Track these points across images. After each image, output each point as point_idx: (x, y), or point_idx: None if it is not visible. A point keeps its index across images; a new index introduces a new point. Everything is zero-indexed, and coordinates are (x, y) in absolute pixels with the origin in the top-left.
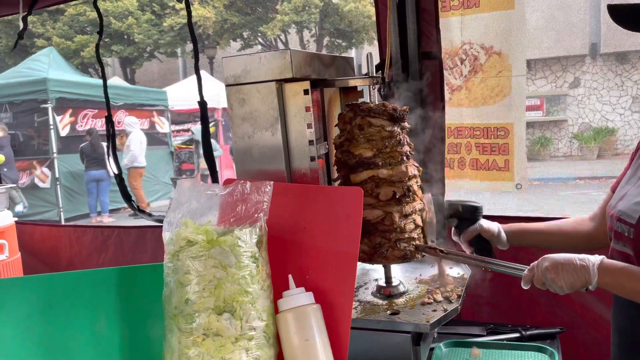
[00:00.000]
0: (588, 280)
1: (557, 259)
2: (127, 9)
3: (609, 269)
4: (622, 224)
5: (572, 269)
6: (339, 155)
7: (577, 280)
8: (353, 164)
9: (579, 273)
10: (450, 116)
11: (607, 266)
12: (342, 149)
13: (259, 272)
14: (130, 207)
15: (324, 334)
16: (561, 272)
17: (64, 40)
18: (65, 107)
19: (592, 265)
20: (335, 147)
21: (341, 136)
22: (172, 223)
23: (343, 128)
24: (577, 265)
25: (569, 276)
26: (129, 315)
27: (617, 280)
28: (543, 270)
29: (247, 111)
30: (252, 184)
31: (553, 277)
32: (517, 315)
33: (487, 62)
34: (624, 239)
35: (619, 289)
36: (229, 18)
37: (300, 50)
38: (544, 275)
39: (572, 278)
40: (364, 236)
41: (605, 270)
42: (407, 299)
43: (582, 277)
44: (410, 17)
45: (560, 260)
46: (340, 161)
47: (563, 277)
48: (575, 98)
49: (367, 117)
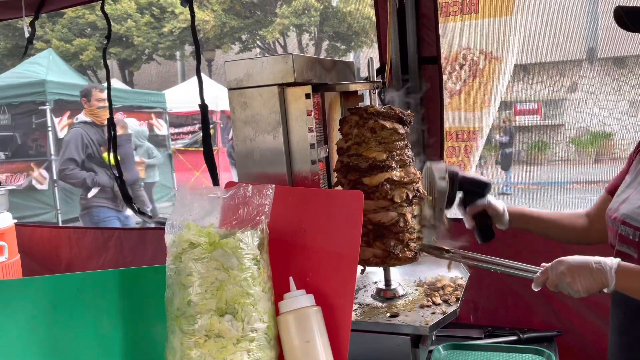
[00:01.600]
0: (605, 283)
1: (572, 262)
2: (126, 11)
3: (627, 272)
4: (627, 227)
5: (588, 273)
6: (346, 160)
7: (594, 284)
8: (366, 167)
9: (596, 276)
10: (449, 120)
11: (624, 269)
12: (349, 153)
13: (260, 274)
14: (131, 208)
15: (325, 336)
16: (577, 276)
17: (63, 43)
18: (63, 109)
19: (609, 268)
20: (339, 152)
21: (347, 140)
22: (174, 225)
23: (348, 132)
24: (593, 269)
25: (585, 280)
26: (131, 316)
27: (635, 283)
28: (559, 274)
29: (249, 115)
30: (253, 187)
31: (569, 282)
32: (514, 318)
33: (486, 67)
34: (629, 242)
35: (636, 291)
36: (228, 21)
37: (302, 55)
38: (560, 279)
39: (589, 281)
40: (376, 240)
41: (623, 274)
42: (406, 301)
43: (599, 280)
44: (410, 22)
45: (576, 265)
46: (347, 166)
47: (580, 281)
48: (573, 102)
49: (379, 120)
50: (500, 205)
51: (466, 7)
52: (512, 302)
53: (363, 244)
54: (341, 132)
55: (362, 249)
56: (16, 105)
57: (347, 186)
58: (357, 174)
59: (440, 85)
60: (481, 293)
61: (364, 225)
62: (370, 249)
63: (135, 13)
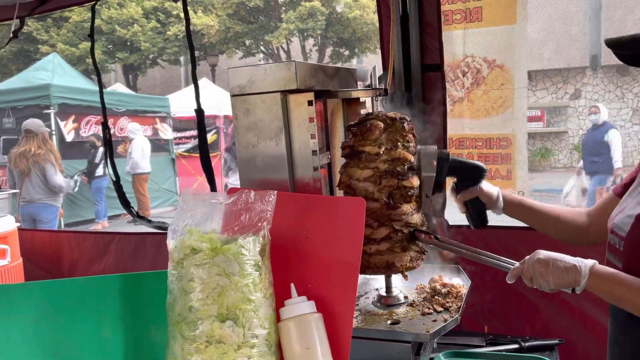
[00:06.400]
0: (577, 280)
1: (550, 254)
2: (132, 16)
3: (600, 273)
4: (615, 236)
5: (562, 266)
6: (384, 167)
7: (566, 279)
8: (404, 170)
9: (569, 272)
10: (451, 127)
11: (598, 270)
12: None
13: (261, 280)
14: (129, 213)
15: (325, 343)
16: (551, 267)
17: (69, 47)
18: (68, 113)
19: (584, 266)
20: (369, 159)
21: (380, 146)
22: (176, 231)
23: (377, 137)
24: (568, 264)
25: (558, 272)
26: (133, 321)
27: (606, 285)
28: (534, 263)
29: (252, 121)
30: (256, 193)
31: (542, 271)
32: (516, 326)
33: (489, 75)
34: (615, 251)
35: (607, 294)
36: (232, 26)
37: (304, 62)
38: (534, 267)
39: (562, 275)
40: (411, 242)
41: (596, 274)
42: (407, 308)
43: (572, 276)
44: (413, 30)
45: (553, 256)
46: (385, 172)
47: (552, 272)
48: (576, 109)
49: (407, 125)
50: (494, 191)
51: (470, 15)
52: (514, 309)
53: (399, 250)
54: (367, 139)
55: (398, 255)
56: (21, 109)
57: (380, 193)
58: (395, 179)
59: (443, 92)
60: (483, 300)
61: (399, 231)
62: (406, 253)
63: (141, 18)
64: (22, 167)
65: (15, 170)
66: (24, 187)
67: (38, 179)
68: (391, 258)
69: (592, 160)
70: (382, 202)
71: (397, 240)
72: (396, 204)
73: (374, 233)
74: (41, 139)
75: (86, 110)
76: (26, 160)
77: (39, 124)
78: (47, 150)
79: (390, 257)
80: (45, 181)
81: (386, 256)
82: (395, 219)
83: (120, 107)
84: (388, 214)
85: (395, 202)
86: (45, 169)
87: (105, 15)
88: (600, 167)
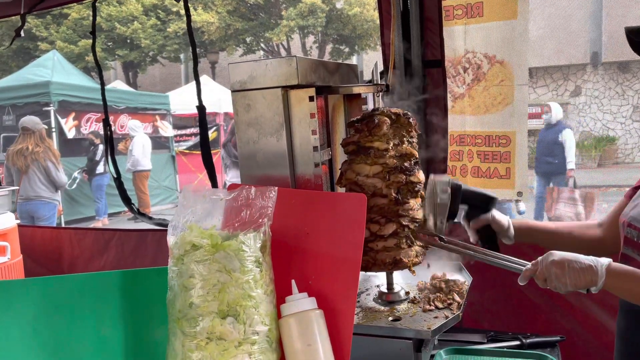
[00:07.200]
0: (594, 280)
1: (564, 254)
2: (132, 13)
3: (617, 271)
4: (632, 229)
5: (578, 267)
6: (395, 163)
7: (583, 279)
8: (411, 165)
9: (586, 272)
10: (452, 124)
11: (615, 269)
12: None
13: (262, 276)
14: (130, 209)
15: (326, 340)
16: (567, 268)
17: (68, 44)
18: (68, 110)
19: (600, 265)
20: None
21: (388, 142)
22: (177, 227)
23: (385, 133)
24: (584, 264)
25: (575, 273)
26: (133, 318)
27: (624, 284)
28: (548, 265)
29: (253, 117)
30: (256, 190)
31: (558, 273)
32: (518, 323)
33: (490, 71)
34: (632, 244)
35: (626, 293)
36: (232, 23)
37: (305, 58)
38: (548, 269)
39: (578, 276)
40: (416, 237)
41: (613, 273)
42: (408, 305)
43: (588, 276)
44: (414, 26)
45: (567, 257)
46: (395, 169)
47: (569, 274)
48: (577, 106)
49: (412, 121)
50: (505, 220)
51: (471, 10)
52: (516, 306)
53: (405, 247)
54: (375, 134)
55: (404, 251)
56: (21, 106)
57: (388, 189)
58: (403, 174)
59: (444, 88)
60: (484, 297)
61: (405, 226)
62: (412, 248)
63: (141, 15)
64: (19, 165)
65: (12, 168)
66: (22, 184)
67: (36, 177)
68: (398, 254)
69: (547, 161)
70: (391, 198)
71: (403, 236)
72: (404, 200)
73: (382, 229)
74: (38, 136)
75: (86, 107)
76: (24, 158)
77: (35, 121)
78: (45, 148)
79: (397, 253)
80: (43, 178)
81: (393, 252)
82: (402, 215)
83: (120, 104)
84: (396, 209)
85: (402, 197)
86: (47, 167)
87: (105, 13)
88: (556, 168)
